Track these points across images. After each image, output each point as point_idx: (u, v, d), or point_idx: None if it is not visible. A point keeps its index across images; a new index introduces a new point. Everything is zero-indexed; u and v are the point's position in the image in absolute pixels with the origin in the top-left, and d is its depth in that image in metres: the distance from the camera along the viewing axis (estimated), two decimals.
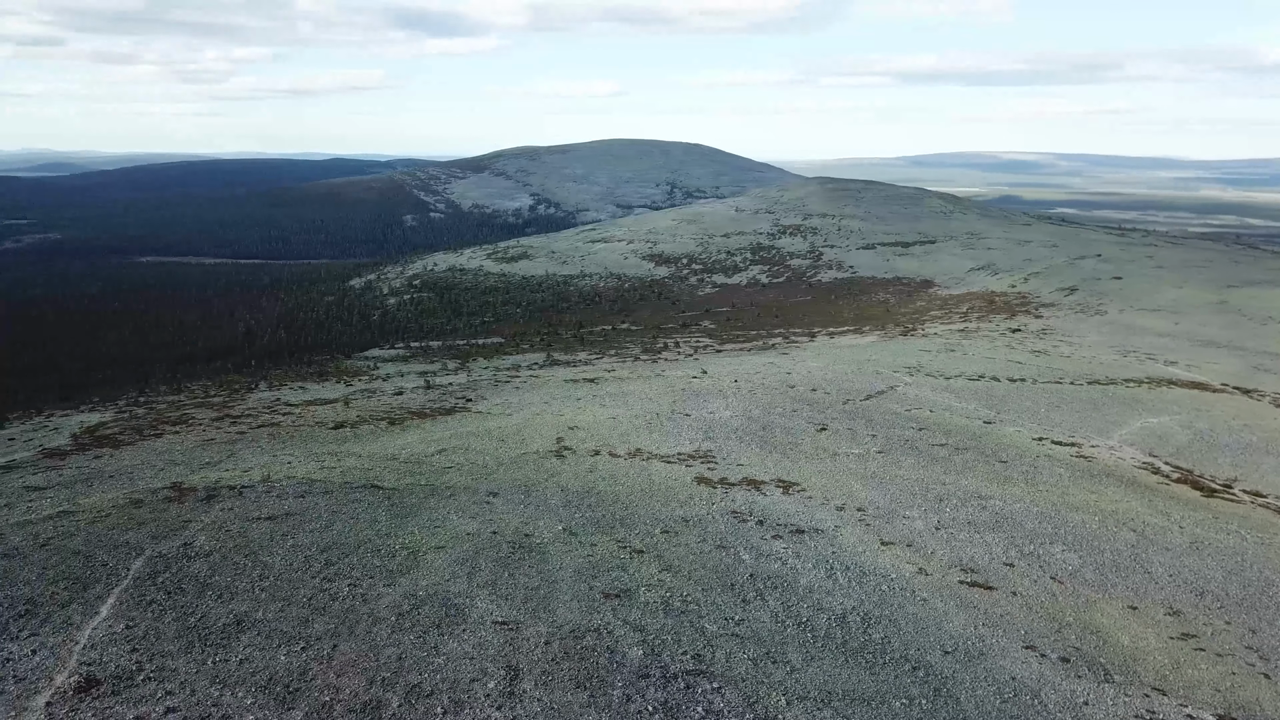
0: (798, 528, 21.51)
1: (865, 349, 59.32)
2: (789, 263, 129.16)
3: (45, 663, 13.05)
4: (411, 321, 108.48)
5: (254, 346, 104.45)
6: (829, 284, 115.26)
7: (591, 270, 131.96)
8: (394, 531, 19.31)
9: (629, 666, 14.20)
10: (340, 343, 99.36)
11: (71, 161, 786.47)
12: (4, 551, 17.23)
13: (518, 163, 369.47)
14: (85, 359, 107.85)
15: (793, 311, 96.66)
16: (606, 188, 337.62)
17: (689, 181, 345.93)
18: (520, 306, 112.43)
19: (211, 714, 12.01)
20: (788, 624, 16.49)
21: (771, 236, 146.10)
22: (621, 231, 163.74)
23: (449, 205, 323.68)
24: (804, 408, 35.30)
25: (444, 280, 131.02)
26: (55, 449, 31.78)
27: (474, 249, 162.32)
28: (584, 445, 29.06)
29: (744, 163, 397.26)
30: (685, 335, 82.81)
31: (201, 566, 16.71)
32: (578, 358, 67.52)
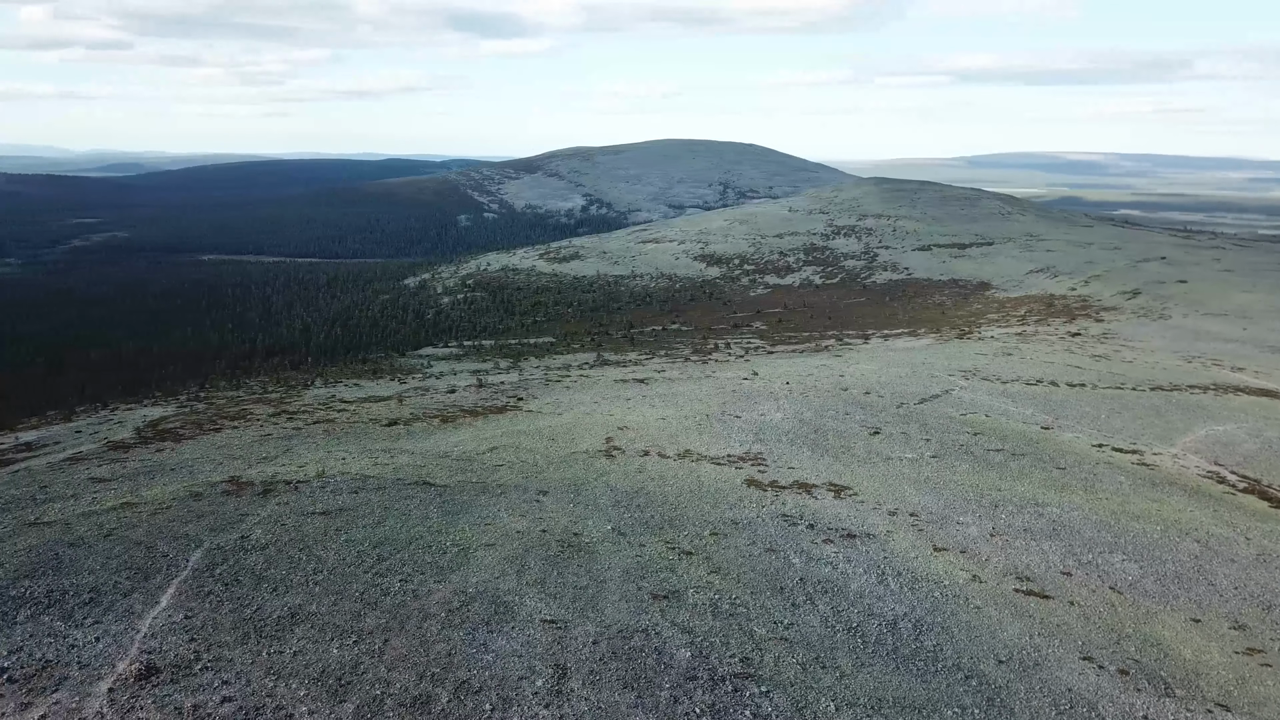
0: (849, 532, 21.27)
1: (920, 352, 58.54)
2: (843, 264, 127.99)
3: (108, 650, 13.38)
4: (464, 320, 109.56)
5: (311, 344, 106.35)
6: (883, 285, 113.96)
7: (643, 270, 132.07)
8: (445, 528, 19.48)
9: (677, 668, 14.15)
10: (395, 341, 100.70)
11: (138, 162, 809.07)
12: (70, 541, 17.73)
13: (570, 163, 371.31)
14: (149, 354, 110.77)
15: (846, 313, 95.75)
16: (659, 188, 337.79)
17: (742, 182, 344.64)
18: (571, 306, 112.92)
19: (266, 705, 12.21)
20: (838, 629, 16.30)
21: (825, 237, 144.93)
22: (673, 232, 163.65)
23: (502, 205, 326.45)
24: (857, 411, 34.92)
25: (497, 280, 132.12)
26: (119, 442, 32.66)
27: (526, 249, 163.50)
28: (633, 445, 29.06)
29: (798, 163, 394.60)
30: (736, 336, 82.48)
31: (258, 559, 17.01)
32: (628, 358, 67.61)
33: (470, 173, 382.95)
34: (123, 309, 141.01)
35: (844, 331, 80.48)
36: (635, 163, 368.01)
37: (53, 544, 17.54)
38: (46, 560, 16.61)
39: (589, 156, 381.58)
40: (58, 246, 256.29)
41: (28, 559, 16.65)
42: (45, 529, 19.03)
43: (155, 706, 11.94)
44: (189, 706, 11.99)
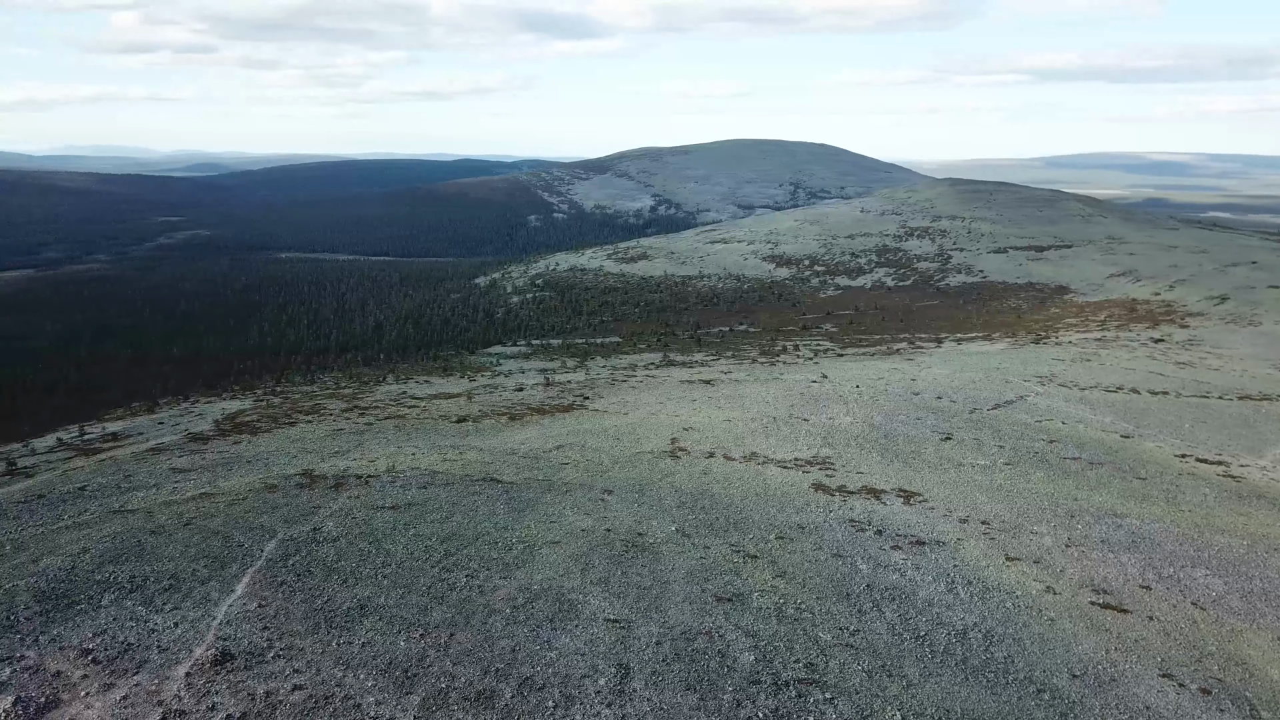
0: (918, 539, 20.88)
1: (994, 356, 57.27)
2: (916, 265, 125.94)
3: (186, 635, 13.78)
4: (533, 320, 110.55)
5: (383, 341, 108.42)
6: (957, 288, 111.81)
7: (710, 271, 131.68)
8: (511, 525, 19.65)
9: (740, 671, 14.03)
10: (465, 339, 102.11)
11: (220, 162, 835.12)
12: (152, 529, 18.32)
13: (640, 164, 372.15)
14: (229, 349, 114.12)
15: (919, 316, 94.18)
16: (728, 188, 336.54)
17: (813, 182, 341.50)
18: (638, 307, 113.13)
19: (335, 694, 12.43)
20: (905, 637, 16.00)
21: (898, 238, 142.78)
22: (742, 232, 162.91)
23: (571, 206, 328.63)
24: (928, 416, 34.29)
25: (565, 280, 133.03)
26: (199, 434, 33.69)
27: (595, 249, 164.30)
28: (699, 447, 28.96)
29: (870, 163, 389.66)
30: (805, 338, 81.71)
31: (329, 551, 17.36)
32: (694, 359, 67.46)
33: (540, 173, 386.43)
34: (204, 305, 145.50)
35: (916, 335, 79.15)
36: (704, 163, 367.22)
37: (136, 531, 18.15)
38: (130, 547, 17.18)
39: (658, 157, 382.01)
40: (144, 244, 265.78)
41: (112, 545, 17.25)
42: (129, 516, 19.72)
43: (229, 692, 12.25)
44: (261, 693, 12.27)
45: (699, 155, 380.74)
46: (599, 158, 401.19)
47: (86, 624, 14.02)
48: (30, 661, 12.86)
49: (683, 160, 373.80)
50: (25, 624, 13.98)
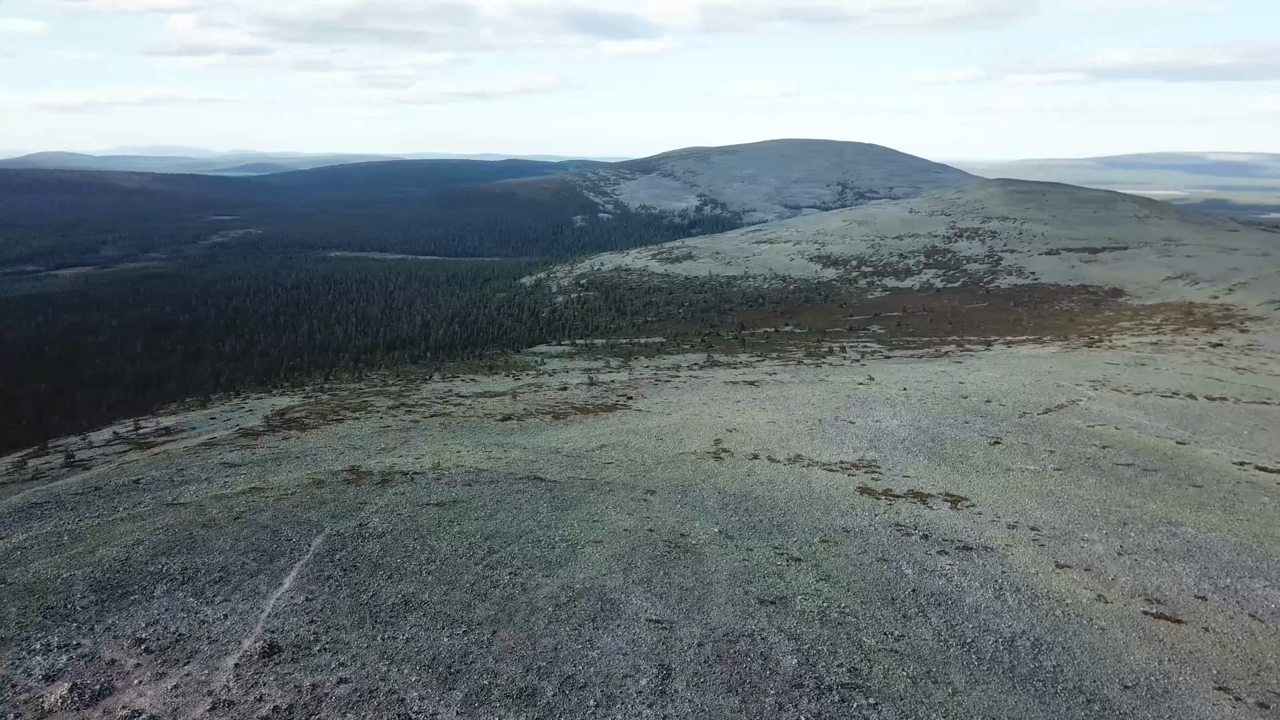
0: (965, 544, 20.57)
1: (1045, 360, 56.29)
2: (965, 267, 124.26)
3: (235, 627, 14.02)
4: (577, 319, 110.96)
5: (430, 339, 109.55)
6: (1008, 290, 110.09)
7: (756, 271, 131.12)
8: (554, 523, 19.72)
9: (782, 675, 13.93)
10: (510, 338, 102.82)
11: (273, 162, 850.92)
12: (203, 522, 18.68)
13: (686, 164, 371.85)
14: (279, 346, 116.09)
15: (968, 318, 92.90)
16: (775, 188, 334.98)
17: (861, 182, 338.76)
18: (683, 307, 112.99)
19: (379, 688, 12.56)
20: (951, 643, 15.77)
21: (947, 240, 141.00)
22: (788, 232, 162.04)
23: (617, 206, 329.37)
24: (977, 419, 33.80)
25: (610, 280, 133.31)
26: (250, 429, 34.26)
27: (640, 249, 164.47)
28: (742, 448, 28.83)
29: (920, 163, 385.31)
30: (852, 340, 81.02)
31: (374, 547, 17.56)
32: (739, 359, 67.20)
33: (586, 173, 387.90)
34: (256, 302, 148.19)
35: (965, 337, 78.10)
36: (751, 162, 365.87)
37: (187, 524, 18.53)
38: (182, 539, 17.54)
39: (704, 157, 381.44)
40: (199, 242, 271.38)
41: (165, 537, 17.62)
42: (181, 510, 20.13)
43: (276, 683, 12.44)
44: (307, 685, 12.44)
45: (746, 155, 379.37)
46: (645, 158, 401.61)
47: (140, 614, 14.33)
48: (86, 649, 13.18)
49: (729, 160, 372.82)
50: (81, 613, 14.34)
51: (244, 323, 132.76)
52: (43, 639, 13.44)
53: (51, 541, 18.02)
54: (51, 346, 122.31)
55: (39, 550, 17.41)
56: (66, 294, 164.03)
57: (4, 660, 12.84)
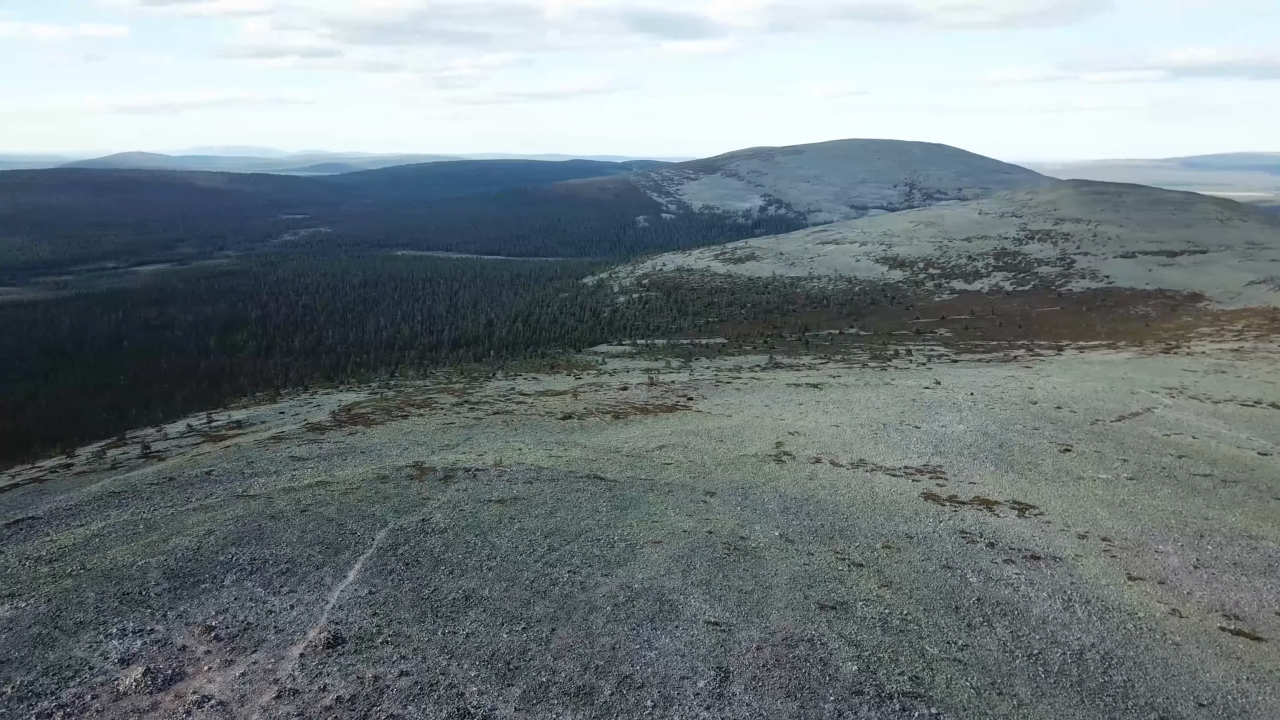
0: (1033, 553, 20.08)
1: (1119, 366, 54.76)
2: (1036, 270, 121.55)
3: (300, 618, 14.30)
4: (639, 319, 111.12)
5: (493, 338, 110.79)
6: (1080, 294, 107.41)
7: (820, 272, 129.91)
8: (613, 523, 19.75)
9: (842, 681, 13.74)
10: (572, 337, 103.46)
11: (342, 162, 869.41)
12: (271, 514, 19.11)
13: (750, 164, 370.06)
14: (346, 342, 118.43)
15: (1038, 322, 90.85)
16: (840, 188, 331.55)
17: (929, 183, 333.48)
18: (745, 307, 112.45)
19: (439, 682, 12.70)
20: (1016, 654, 15.39)
21: (1018, 242, 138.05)
22: (854, 233, 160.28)
23: (680, 206, 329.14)
24: (1046, 426, 33.01)
25: (671, 280, 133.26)
26: (317, 424, 34.98)
27: (702, 249, 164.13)
28: (804, 451, 28.56)
29: (990, 164, 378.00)
30: (918, 343, 79.77)
31: (437, 542, 17.77)
32: (801, 361, 66.63)
33: (650, 173, 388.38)
34: (324, 299, 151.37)
35: (1035, 341, 76.38)
36: (816, 163, 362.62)
37: (256, 516, 18.97)
38: (251, 530, 17.96)
39: (769, 157, 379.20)
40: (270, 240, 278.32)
41: (235, 528, 18.07)
42: (251, 501, 20.62)
43: (340, 674, 12.65)
44: (370, 677, 12.63)
45: (811, 155, 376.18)
46: (709, 158, 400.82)
47: (210, 602, 14.70)
48: (159, 635, 13.56)
49: (794, 160, 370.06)
50: (155, 599, 14.76)
51: (313, 319, 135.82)
52: (119, 624, 13.88)
53: (128, 530, 18.61)
54: (130, 340, 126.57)
55: (116, 538, 18.00)
56: (144, 289, 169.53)
57: (83, 643, 13.28)
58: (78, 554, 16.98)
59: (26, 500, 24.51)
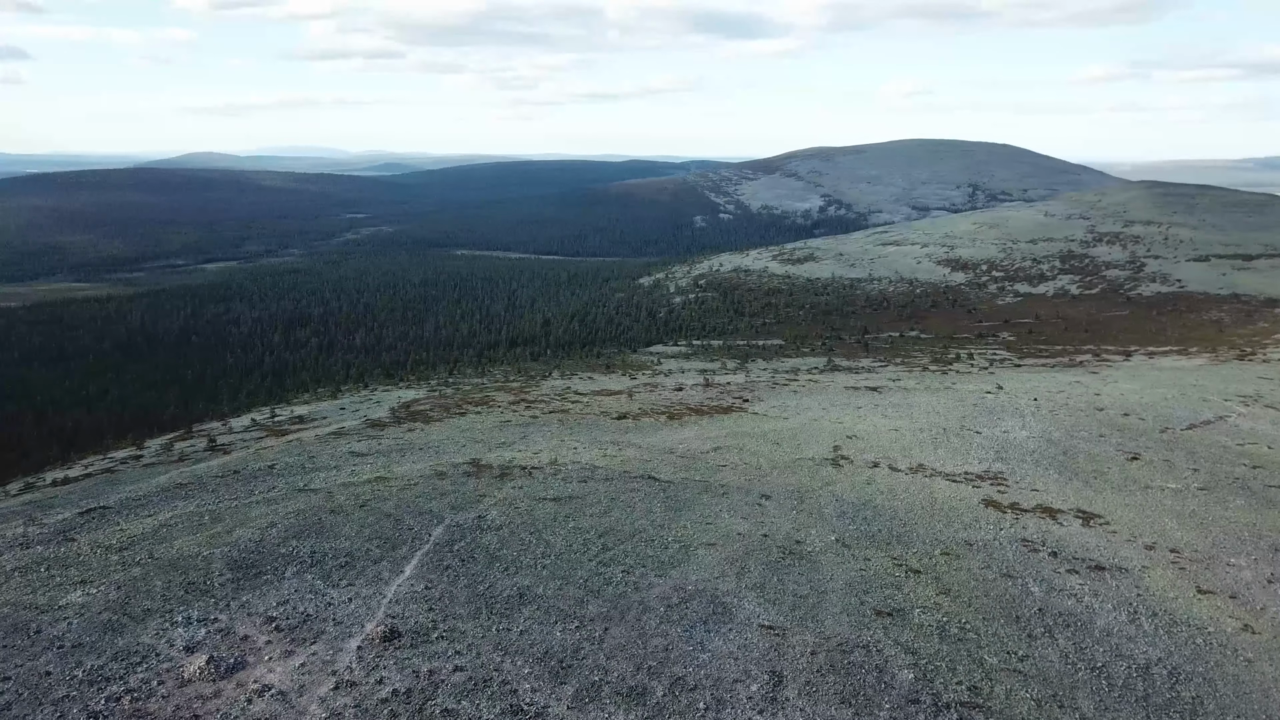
0: (1097, 564, 19.57)
1: (1191, 372, 53.17)
2: (1104, 273, 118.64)
3: (358, 611, 14.51)
4: (695, 320, 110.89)
5: (550, 337, 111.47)
6: (1150, 298, 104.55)
7: (880, 274, 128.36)
8: (667, 523, 19.70)
9: (898, 689, 13.53)
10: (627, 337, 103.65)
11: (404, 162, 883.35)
12: (331, 508, 19.44)
13: (809, 164, 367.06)
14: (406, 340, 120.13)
15: (1106, 327, 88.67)
16: (901, 189, 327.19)
17: (993, 184, 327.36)
18: (803, 309, 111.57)
19: (493, 678, 12.78)
20: (1079, 667, 15.01)
21: (1085, 244, 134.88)
22: (915, 234, 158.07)
23: (738, 206, 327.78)
24: (1113, 433, 32.17)
25: (728, 281, 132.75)
26: (377, 420, 35.51)
27: (760, 250, 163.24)
28: (862, 456, 28.22)
29: (1056, 164, 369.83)
30: (980, 346, 78.38)
31: (492, 539, 17.91)
32: (860, 364, 65.89)
33: (708, 174, 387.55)
34: (385, 298, 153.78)
35: (1102, 347, 74.54)
36: (877, 163, 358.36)
37: (317, 510, 19.31)
38: (311, 524, 18.29)
39: (829, 157, 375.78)
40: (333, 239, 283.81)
41: (296, 521, 18.41)
42: (311, 495, 21.00)
43: (396, 667, 12.80)
44: (425, 671, 12.76)
45: (872, 155, 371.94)
46: (768, 158, 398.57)
47: (272, 593, 14.99)
48: (222, 624, 13.87)
49: (855, 160, 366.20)
50: (219, 589, 15.10)
51: (374, 317, 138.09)
52: (184, 612, 14.22)
53: (193, 521, 19.06)
54: (197, 336, 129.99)
55: (182, 528, 18.45)
56: (212, 286, 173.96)
57: (150, 630, 13.64)
58: (146, 543, 17.45)
59: (99, 490, 25.29)
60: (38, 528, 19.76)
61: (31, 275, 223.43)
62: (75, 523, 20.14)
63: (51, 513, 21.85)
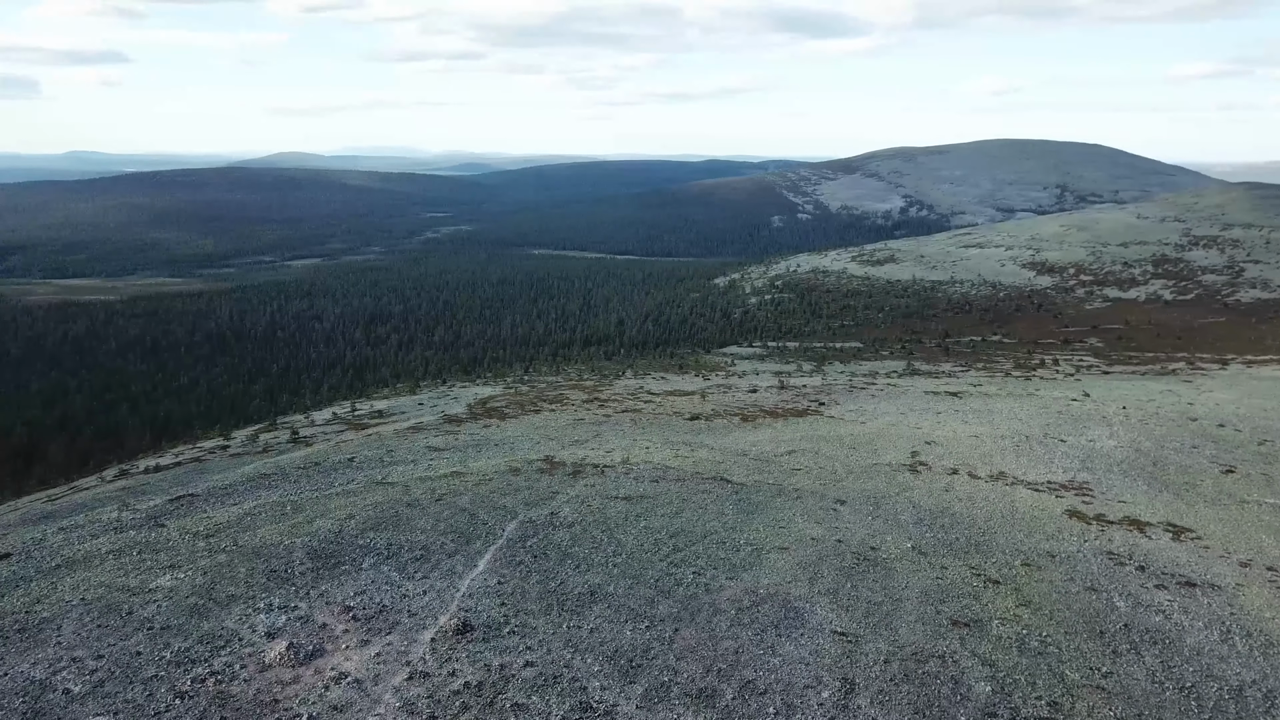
0: (1188, 580, 18.80)
1: None
2: (1199, 278, 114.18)
3: (433, 604, 14.74)
4: (770, 321, 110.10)
5: (624, 337, 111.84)
6: (1249, 305, 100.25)
7: (963, 277, 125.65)
8: (739, 526, 19.56)
9: (974, 702, 13.18)
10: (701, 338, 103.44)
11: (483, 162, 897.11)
12: (408, 501, 19.79)
13: (891, 164, 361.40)
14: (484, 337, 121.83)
15: (1201, 334, 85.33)
16: (986, 190, 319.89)
17: (1082, 185, 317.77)
18: (882, 311, 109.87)
19: (563, 675, 12.84)
20: (1167, 686, 14.43)
21: (1179, 248, 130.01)
22: (1000, 237, 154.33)
23: (817, 206, 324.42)
24: (1207, 445, 30.91)
25: (805, 282, 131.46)
26: (454, 416, 36.06)
27: (839, 250, 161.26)
28: (941, 462, 27.63)
29: (1150, 165, 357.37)
30: (1066, 352, 76.15)
31: (564, 536, 18.01)
32: (941, 368, 64.58)
33: (786, 173, 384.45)
34: (463, 295, 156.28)
35: (1196, 354, 71.74)
36: (961, 163, 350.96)
37: (394, 503, 19.68)
38: (388, 517, 18.65)
39: (911, 157, 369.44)
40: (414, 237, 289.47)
41: (374, 514, 18.79)
42: (389, 489, 21.41)
43: (468, 660, 12.96)
44: (496, 665, 12.89)
45: (955, 155, 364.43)
46: (848, 158, 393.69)
47: (349, 583, 15.32)
48: (302, 612, 14.22)
49: (937, 160, 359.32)
50: (299, 578, 15.49)
51: (452, 314, 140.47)
52: (266, 599, 14.62)
53: (276, 510, 19.61)
54: (283, 331, 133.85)
55: (265, 518, 18.99)
56: (297, 283, 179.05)
57: (234, 615, 14.06)
58: (231, 531, 18.00)
59: (188, 478, 26.23)
60: (131, 513, 20.57)
61: (129, 270, 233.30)
62: (165, 509, 20.90)
63: (144, 499, 22.73)
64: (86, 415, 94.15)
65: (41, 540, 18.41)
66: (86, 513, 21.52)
